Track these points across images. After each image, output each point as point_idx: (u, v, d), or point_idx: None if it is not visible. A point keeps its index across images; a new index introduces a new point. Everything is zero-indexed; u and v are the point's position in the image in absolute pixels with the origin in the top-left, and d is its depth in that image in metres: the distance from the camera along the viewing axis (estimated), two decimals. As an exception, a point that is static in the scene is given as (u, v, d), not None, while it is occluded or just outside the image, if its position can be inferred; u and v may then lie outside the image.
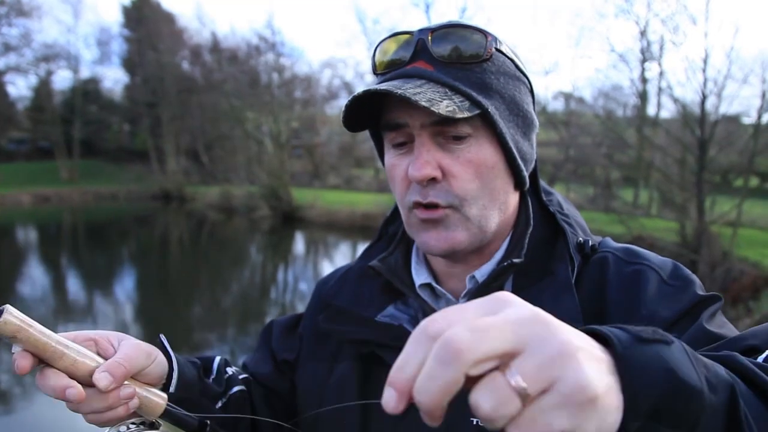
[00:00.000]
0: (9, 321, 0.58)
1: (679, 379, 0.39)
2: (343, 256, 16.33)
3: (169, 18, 35.88)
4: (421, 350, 0.36)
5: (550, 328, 0.36)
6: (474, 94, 0.71)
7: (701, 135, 11.33)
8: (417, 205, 0.75)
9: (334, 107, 32.48)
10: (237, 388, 0.89)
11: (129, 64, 36.55)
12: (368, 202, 20.26)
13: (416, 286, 0.83)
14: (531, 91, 0.81)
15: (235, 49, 32.48)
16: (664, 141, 14.15)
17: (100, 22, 53.50)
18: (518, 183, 0.80)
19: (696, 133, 11.54)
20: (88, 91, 37.11)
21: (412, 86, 0.69)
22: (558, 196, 0.90)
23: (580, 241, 0.79)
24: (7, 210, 26.29)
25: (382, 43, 0.78)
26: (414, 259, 0.87)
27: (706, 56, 11.42)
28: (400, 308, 0.85)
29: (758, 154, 12.50)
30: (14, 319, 0.58)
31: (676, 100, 13.09)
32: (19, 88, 52.24)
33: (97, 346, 0.68)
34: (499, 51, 0.75)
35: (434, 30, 0.74)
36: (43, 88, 35.36)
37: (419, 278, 0.84)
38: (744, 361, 0.48)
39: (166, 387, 0.75)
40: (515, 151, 0.76)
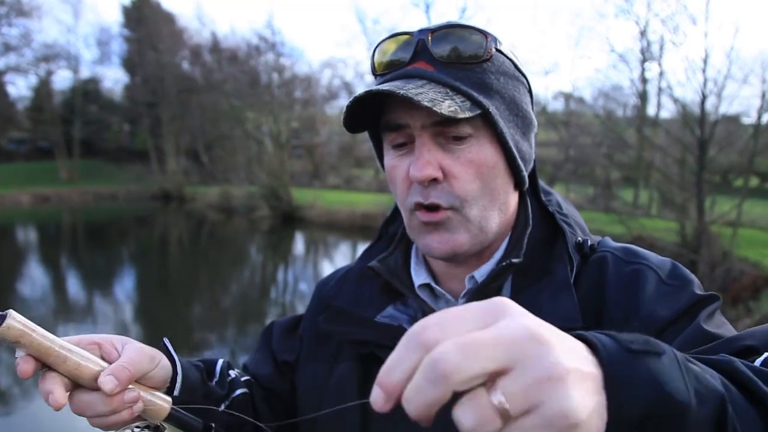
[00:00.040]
0: (12, 326, 0.58)
1: (666, 392, 0.39)
2: (343, 256, 16.32)
3: (169, 18, 35.88)
4: (410, 357, 0.36)
5: (542, 347, 0.35)
6: (475, 94, 0.71)
7: (701, 135, 11.33)
8: (419, 207, 0.75)
9: (334, 107, 32.51)
10: (240, 390, 0.89)
11: (129, 64, 36.54)
12: (368, 202, 20.25)
13: (415, 287, 0.83)
14: (530, 91, 0.81)
15: (235, 49, 32.49)
16: (664, 141, 14.15)
17: (100, 22, 53.67)
18: (518, 183, 0.80)
19: (696, 133, 11.54)
20: (88, 91, 37.10)
21: (413, 86, 0.69)
22: (557, 196, 0.90)
23: (579, 241, 0.79)
24: (6, 210, 26.29)
25: (381, 44, 0.78)
26: (413, 259, 0.87)
27: (706, 56, 11.44)
28: (399, 309, 0.85)
29: (758, 154, 12.50)
30: (17, 324, 0.58)
31: (676, 100, 13.11)
32: (19, 88, 52.48)
33: (100, 350, 0.68)
34: (498, 51, 0.75)
35: (434, 30, 0.74)
36: (43, 88, 35.34)
37: (418, 279, 0.84)
38: (742, 369, 0.47)
39: (170, 390, 0.75)
40: (515, 151, 0.76)
